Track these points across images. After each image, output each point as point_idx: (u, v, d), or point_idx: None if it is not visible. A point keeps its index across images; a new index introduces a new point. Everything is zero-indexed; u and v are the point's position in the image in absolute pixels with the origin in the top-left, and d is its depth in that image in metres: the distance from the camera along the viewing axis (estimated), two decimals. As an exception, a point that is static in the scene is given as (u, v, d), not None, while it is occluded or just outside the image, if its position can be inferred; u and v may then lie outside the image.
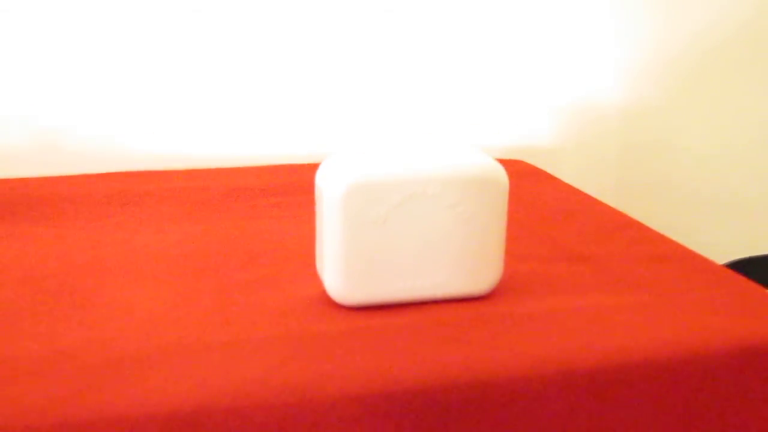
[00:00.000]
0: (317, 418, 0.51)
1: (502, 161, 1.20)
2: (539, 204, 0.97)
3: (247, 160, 1.16)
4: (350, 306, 0.65)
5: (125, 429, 0.48)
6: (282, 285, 0.71)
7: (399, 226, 0.64)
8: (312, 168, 0.82)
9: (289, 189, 1.01)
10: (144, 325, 0.62)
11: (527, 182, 1.08)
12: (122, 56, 1.10)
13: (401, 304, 0.66)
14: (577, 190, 1.04)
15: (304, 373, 0.53)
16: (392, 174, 0.63)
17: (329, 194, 0.63)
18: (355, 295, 0.65)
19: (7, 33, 1.06)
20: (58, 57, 1.09)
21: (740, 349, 0.60)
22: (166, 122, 1.14)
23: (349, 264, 0.64)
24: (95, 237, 0.84)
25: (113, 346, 0.58)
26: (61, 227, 0.87)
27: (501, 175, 0.65)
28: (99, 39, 1.09)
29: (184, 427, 0.49)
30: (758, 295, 0.69)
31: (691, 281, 0.72)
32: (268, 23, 1.14)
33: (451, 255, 0.65)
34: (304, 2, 1.14)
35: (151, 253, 0.80)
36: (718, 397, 0.60)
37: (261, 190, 1.01)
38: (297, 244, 0.81)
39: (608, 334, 0.61)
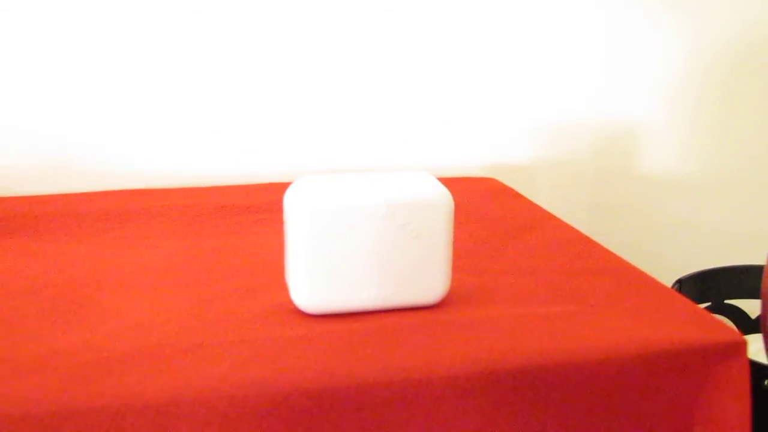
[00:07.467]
0: (272, 409, 0.60)
1: (474, 179, 1.29)
2: (501, 221, 1.06)
3: (237, 179, 1.25)
4: (312, 314, 0.74)
5: (107, 417, 0.57)
6: (255, 295, 0.80)
7: (355, 244, 0.72)
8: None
9: (272, 206, 1.10)
10: (129, 331, 0.71)
11: (495, 200, 1.16)
12: (121, 81, 1.20)
13: (358, 312, 0.74)
14: (539, 207, 1.13)
15: (262, 370, 0.62)
16: (349, 199, 0.72)
17: (294, 218, 0.72)
18: (316, 304, 0.74)
19: (13, 54, 1.15)
20: (62, 79, 1.18)
21: (653, 352, 0.68)
22: (164, 143, 1.23)
23: (311, 277, 0.73)
24: (93, 251, 0.94)
25: (102, 348, 0.67)
26: (61, 242, 0.97)
27: (446, 198, 0.74)
28: (96, 64, 1.18)
29: (158, 415, 0.58)
30: (680, 305, 0.78)
31: (620, 293, 0.80)
32: (255, 46, 1.23)
33: (402, 269, 0.74)
34: (283, 26, 1.23)
35: (142, 266, 0.89)
36: (631, 395, 0.68)
37: (247, 207, 1.10)
38: (274, 257, 0.90)
39: (534, 338, 0.69)
